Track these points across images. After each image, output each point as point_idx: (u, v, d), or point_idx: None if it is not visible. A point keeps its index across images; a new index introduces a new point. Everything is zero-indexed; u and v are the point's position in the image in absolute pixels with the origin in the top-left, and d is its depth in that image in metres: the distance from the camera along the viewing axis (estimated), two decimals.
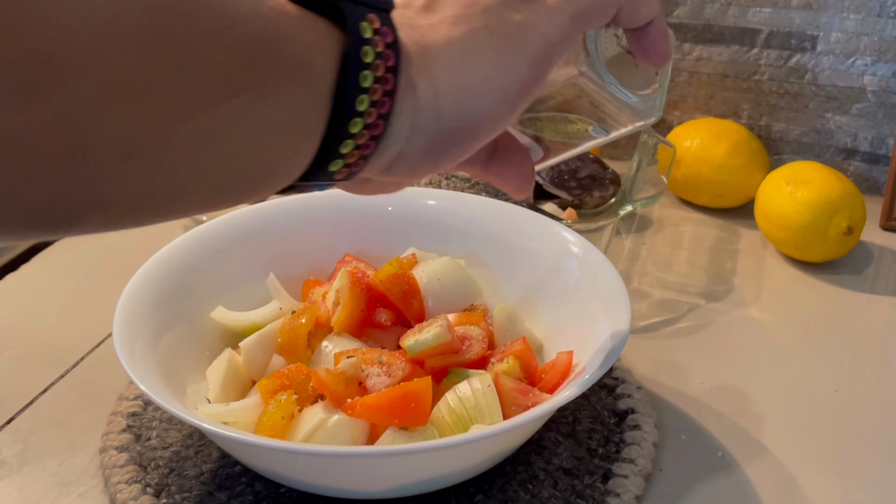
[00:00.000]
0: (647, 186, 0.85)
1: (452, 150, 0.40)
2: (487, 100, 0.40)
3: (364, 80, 0.36)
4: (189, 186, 0.33)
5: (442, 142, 0.40)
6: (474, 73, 0.39)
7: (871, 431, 0.67)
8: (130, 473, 0.60)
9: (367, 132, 0.37)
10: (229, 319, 0.67)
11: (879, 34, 0.91)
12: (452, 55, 0.39)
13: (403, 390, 0.56)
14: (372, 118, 0.36)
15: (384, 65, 0.36)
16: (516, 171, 0.49)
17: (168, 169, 0.31)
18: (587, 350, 0.62)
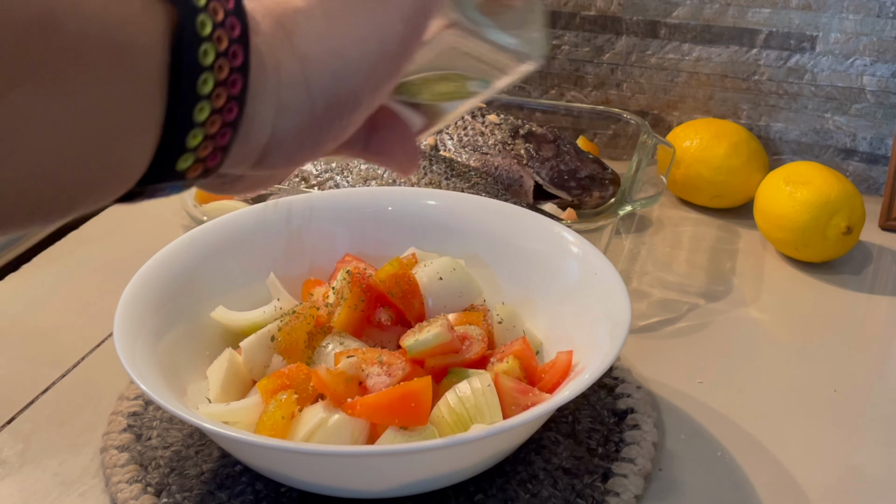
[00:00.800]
0: (647, 186, 0.85)
1: (331, 128, 0.36)
2: (364, 64, 0.35)
3: (204, 57, 0.31)
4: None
5: (319, 119, 0.35)
6: (345, 35, 0.35)
7: (870, 431, 0.67)
8: (131, 473, 0.60)
9: (218, 118, 0.32)
10: (229, 319, 0.67)
11: (879, 34, 0.91)
12: (316, 18, 0.34)
13: (403, 390, 0.56)
14: (222, 101, 0.31)
15: (228, 36, 0.31)
16: (400, 147, 0.43)
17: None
18: (587, 350, 0.62)
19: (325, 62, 0.34)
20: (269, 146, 0.35)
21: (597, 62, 1.01)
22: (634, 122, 0.93)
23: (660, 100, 1.01)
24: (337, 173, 0.85)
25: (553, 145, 0.90)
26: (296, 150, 0.35)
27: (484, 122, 0.91)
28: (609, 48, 1.00)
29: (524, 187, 0.87)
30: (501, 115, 0.92)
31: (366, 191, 0.78)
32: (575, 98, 1.04)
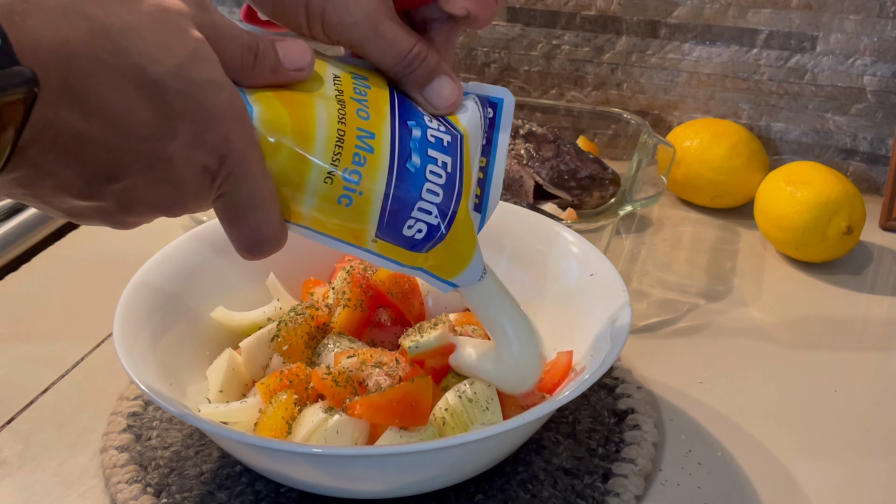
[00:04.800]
0: (647, 186, 0.85)
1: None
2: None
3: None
4: None
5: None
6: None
7: (871, 431, 0.67)
8: (131, 473, 0.60)
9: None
10: (229, 319, 0.67)
11: (879, 35, 0.91)
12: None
13: (403, 390, 0.56)
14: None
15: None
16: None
17: None
18: (587, 350, 0.62)
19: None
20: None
21: (597, 62, 1.01)
22: (634, 122, 0.93)
23: (660, 100, 1.01)
24: None
25: (553, 145, 0.89)
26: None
27: None
28: (609, 48, 1.00)
29: (524, 187, 0.87)
30: None
31: None
32: (575, 98, 1.04)
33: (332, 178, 0.45)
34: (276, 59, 0.44)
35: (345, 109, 0.46)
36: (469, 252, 0.52)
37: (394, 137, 0.47)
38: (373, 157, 0.46)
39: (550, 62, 1.03)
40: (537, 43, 1.02)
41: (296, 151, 0.44)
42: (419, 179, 0.47)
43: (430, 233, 0.49)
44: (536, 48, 1.03)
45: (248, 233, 0.45)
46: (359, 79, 0.48)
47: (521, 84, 1.05)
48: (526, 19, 1.02)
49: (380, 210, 0.47)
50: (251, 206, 0.44)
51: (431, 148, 0.48)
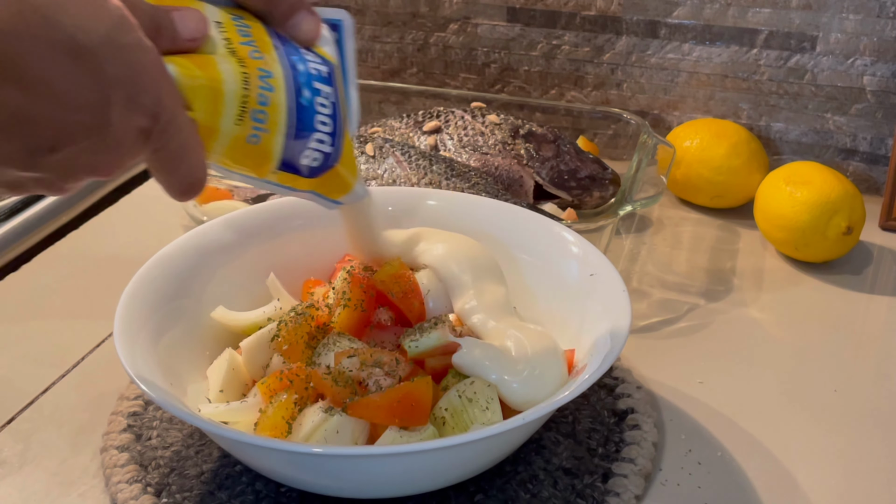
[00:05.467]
0: (647, 186, 0.85)
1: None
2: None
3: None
4: None
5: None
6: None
7: (871, 431, 0.67)
8: (131, 473, 0.60)
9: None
10: (229, 319, 0.67)
11: (879, 34, 0.91)
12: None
13: (403, 390, 0.56)
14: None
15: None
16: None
17: None
18: (587, 350, 0.62)
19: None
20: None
21: (597, 62, 1.01)
22: (634, 122, 0.93)
23: (660, 100, 1.01)
24: None
25: (553, 145, 0.90)
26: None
27: (484, 122, 0.91)
28: (609, 48, 1.00)
29: (524, 187, 0.87)
30: (501, 115, 0.92)
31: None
32: (575, 98, 1.04)
33: (243, 120, 0.48)
34: (174, 29, 0.47)
35: (240, 55, 0.49)
36: (353, 172, 0.56)
37: (287, 74, 0.50)
38: (274, 96, 0.49)
39: (550, 62, 1.03)
40: (537, 43, 1.02)
41: (210, 100, 0.47)
42: (312, 112, 0.51)
43: (325, 160, 0.53)
44: (536, 48, 1.03)
45: (183, 178, 0.47)
46: (238, 19, 0.50)
47: (521, 84, 1.05)
48: (526, 19, 1.02)
49: (283, 144, 0.50)
50: (183, 154, 0.46)
51: (316, 80, 0.51)
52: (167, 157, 0.46)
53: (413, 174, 0.83)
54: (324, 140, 0.52)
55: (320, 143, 0.52)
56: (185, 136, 0.46)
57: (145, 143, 0.45)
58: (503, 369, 0.59)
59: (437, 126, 0.91)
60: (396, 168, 0.84)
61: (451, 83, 1.07)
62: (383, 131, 0.93)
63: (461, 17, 1.04)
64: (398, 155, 0.84)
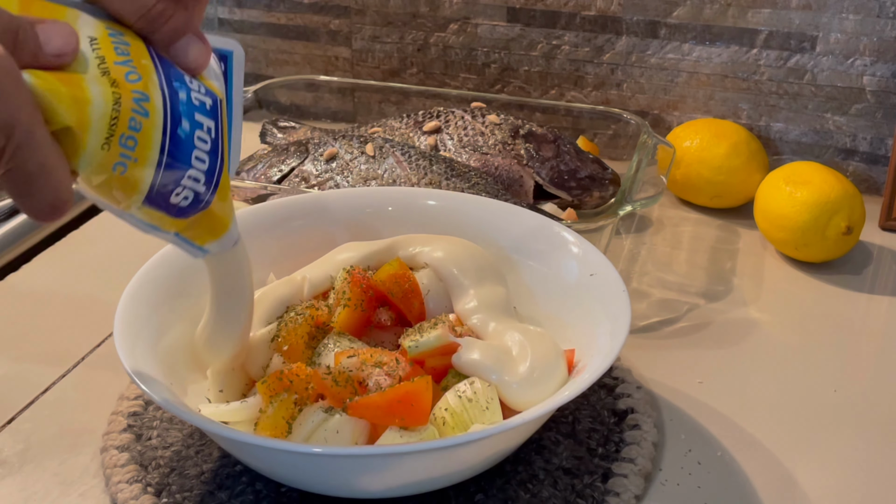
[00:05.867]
0: (647, 186, 0.85)
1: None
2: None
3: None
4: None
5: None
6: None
7: (871, 431, 0.67)
8: (131, 473, 0.60)
9: None
10: None
11: (879, 35, 0.91)
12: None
13: (403, 390, 0.56)
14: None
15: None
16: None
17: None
18: (587, 350, 0.62)
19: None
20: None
21: (597, 62, 1.01)
22: (634, 122, 0.93)
23: (660, 100, 1.01)
24: (337, 173, 0.85)
25: (553, 145, 0.90)
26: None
27: (484, 122, 0.91)
28: (609, 48, 1.00)
29: (524, 187, 0.88)
30: (501, 115, 0.92)
31: (366, 191, 0.78)
32: (575, 98, 1.04)
33: (110, 145, 0.44)
34: (37, 43, 0.42)
35: (114, 76, 0.44)
36: (228, 219, 0.52)
37: (165, 100, 0.45)
38: (147, 122, 0.44)
39: (550, 62, 1.03)
40: (537, 43, 1.02)
41: (74, 118, 0.43)
42: (189, 146, 0.46)
43: (195, 200, 0.48)
44: (536, 48, 1.03)
45: (43, 200, 0.43)
46: (116, 35, 0.45)
47: (521, 84, 1.05)
48: (526, 19, 1.02)
49: (151, 178, 0.46)
50: (44, 174, 0.42)
51: (198, 112, 0.47)
52: (24, 177, 0.41)
53: (413, 174, 0.83)
54: (198, 178, 0.47)
55: (194, 181, 0.47)
56: (44, 154, 0.41)
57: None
58: (503, 370, 0.59)
59: (437, 126, 0.91)
60: (396, 168, 0.84)
61: (451, 83, 1.07)
62: (383, 131, 0.93)
63: (461, 17, 1.04)
64: (398, 155, 0.84)
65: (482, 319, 0.62)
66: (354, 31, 1.08)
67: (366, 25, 1.07)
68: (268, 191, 0.83)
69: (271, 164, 0.88)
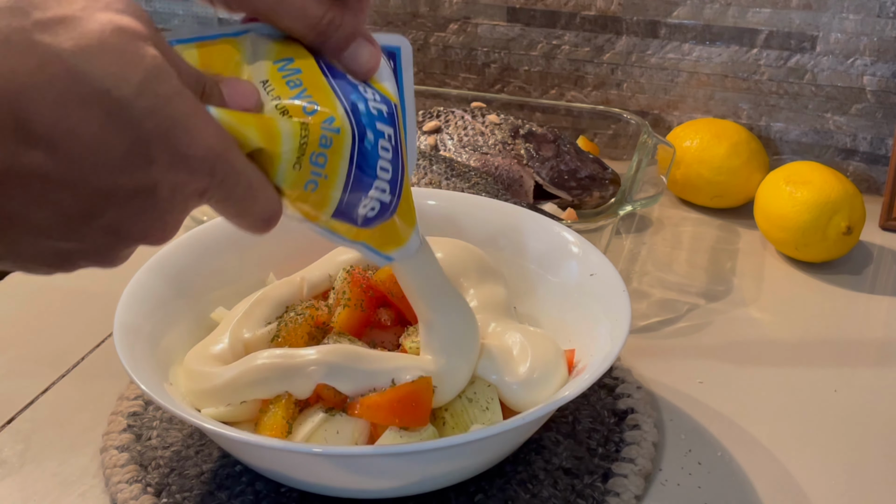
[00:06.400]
0: (647, 186, 0.85)
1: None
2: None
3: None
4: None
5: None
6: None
7: (871, 431, 0.67)
8: (131, 473, 0.60)
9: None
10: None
11: (879, 34, 0.91)
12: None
13: (403, 390, 0.56)
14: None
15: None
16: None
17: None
18: (587, 350, 0.62)
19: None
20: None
21: (597, 62, 1.01)
22: (634, 122, 0.93)
23: (660, 100, 1.01)
24: None
25: (553, 145, 0.90)
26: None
27: (484, 122, 0.91)
28: (609, 48, 1.00)
29: (524, 187, 0.87)
30: (501, 115, 0.92)
31: None
32: (575, 98, 1.04)
33: (300, 164, 0.44)
34: (221, 98, 0.43)
35: (292, 113, 0.44)
36: (411, 224, 0.52)
37: (349, 115, 0.45)
38: (338, 138, 0.45)
39: (550, 62, 1.03)
40: (537, 43, 1.02)
41: (263, 140, 0.43)
42: (374, 157, 0.46)
43: (382, 209, 0.48)
44: (536, 48, 1.03)
45: (258, 216, 0.45)
46: (285, 66, 0.46)
47: (521, 84, 1.05)
48: (526, 19, 1.02)
49: (341, 193, 0.46)
50: (252, 196, 0.43)
51: (378, 121, 0.47)
52: (235, 203, 0.43)
53: (413, 174, 0.83)
54: (384, 188, 0.47)
55: (380, 191, 0.47)
56: (248, 177, 0.42)
57: (201, 199, 0.41)
58: (503, 370, 0.59)
59: (437, 126, 0.91)
60: None
61: (451, 83, 1.07)
62: None
63: (461, 17, 1.04)
64: None
65: (482, 320, 0.62)
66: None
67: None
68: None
69: None
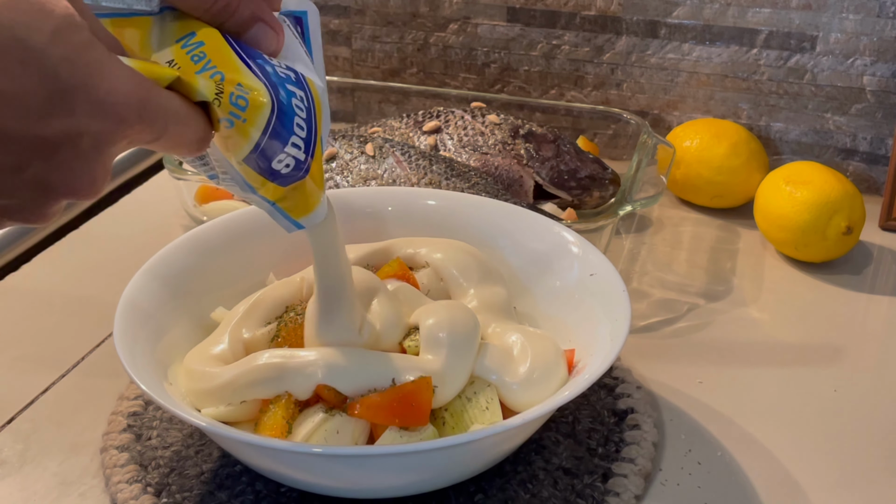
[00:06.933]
0: (647, 186, 0.85)
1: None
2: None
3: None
4: None
5: None
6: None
7: (871, 431, 0.67)
8: (131, 473, 0.60)
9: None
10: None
11: (879, 34, 0.91)
12: None
13: (403, 390, 0.56)
14: None
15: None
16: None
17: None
18: (587, 349, 0.62)
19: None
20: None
21: (597, 62, 1.01)
22: (634, 122, 0.93)
23: (660, 100, 1.01)
24: (337, 173, 0.85)
25: (553, 145, 0.90)
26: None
27: (484, 122, 0.91)
28: (609, 48, 1.00)
29: (524, 187, 0.87)
30: (501, 115, 0.92)
31: (366, 191, 0.78)
32: (575, 98, 1.04)
33: (220, 101, 0.46)
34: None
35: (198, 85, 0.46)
36: (320, 191, 0.53)
37: (259, 78, 0.47)
38: (253, 96, 0.46)
39: (550, 62, 1.03)
40: (537, 43, 1.02)
41: (183, 81, 0.45)
42: (290, 112, 0.48)
43: (296, 167, 0.49)
44: (536, 48, 1.03)
45: (191, 142, 0.45)
46: (188, 43, 0.47)
47: (521, 84, 1.05)
48: (526, 19, 1.02)
49: (259, 134, 0.47)
50: (182, 126, 0.44)
51: (288, 83, 0.48)
52: (168, 139, 0.43)
53: (413, 174, 0.83)
54: (299, 146, 0.49)
55: (296, 147, 0.49)
56: (176, 111, 0.43)
57: (128, 145, 0.42)
58: (503, 370, 0.59)
59: (437, 126, 0.91)
60: (396, 168, 0.84)
61: (451, 83, 1.07)
62: (383, 131, 0.93)
63: (461, 17, 1.04)
64: (398, 155, 0.84)
65: (483, 320, 0.62)
66: (354, 30, 1.08)
67: (366, 25, 1.07)
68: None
69: None
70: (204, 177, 0.54)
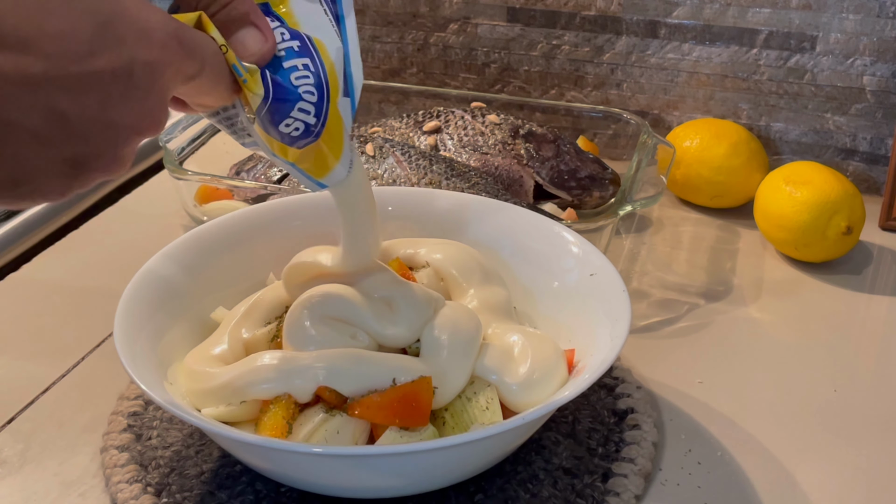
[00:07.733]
0: (647, 186, 0.85)
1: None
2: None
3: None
4: None
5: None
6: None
7: (871, 431, 0.67)
8: (131, 473, 0.60)
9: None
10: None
11: (879, 34, 0.91)
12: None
13: (403, 390, 0.56)
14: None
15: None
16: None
17: None
18: (587, 350, 0.62)
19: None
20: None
21: (597, 62, 1.01)
22: (634, 122, 0.93)
23: (660, 100, 1.01)
24: None
25: (553, 145, 0.90)
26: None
27: (484, 122, 0.91)
28: (609, 48, 1.00)
29: (524, 187, 0.88)
30: (501, 115, 0.92)
31: None
32: (575, 98, 1.04)
33: (226, 49, 0.47)
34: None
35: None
36: (338, 150, 0.54)
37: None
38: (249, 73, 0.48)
39: (550, 62, 1.03)
40: (537, 43, 1.02)
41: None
42: (288, 79, 0.49)
43: (306, 131, 0.51)
44: (536, 48, 1.03)
45: (229, 79, 0.47)
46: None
47: (521, 84, 1.05)
48: (526, 19, 1.02)
49: (262, 95, 0.49)
50: (220, 61, 0.46)
51: (283, 61, 0.50)
52: (211, 73, 0.46)
53: (413, 174, 0.83)
54: (308, 110, 0.50)
55: (305, 112, 0.50)
56: (208, 43, 0.45)
57: (176, 75, 0.44)
58: (503, 370, 0.59)
59: (437, 126, 0.91)
60: (396, 168, 0.84)
61: (451, 83, 1.07)
62: (383, 131, 0.93)
63: (461, 17, 1.04)
64: (398, 155, 0.84)
65: (483, 320, 0.62)
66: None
67: (365, 25, 1.07)
68: (268, 191, 0.83)
69: (271, 163, 0.89)
70: (204, 176, 0.55)
